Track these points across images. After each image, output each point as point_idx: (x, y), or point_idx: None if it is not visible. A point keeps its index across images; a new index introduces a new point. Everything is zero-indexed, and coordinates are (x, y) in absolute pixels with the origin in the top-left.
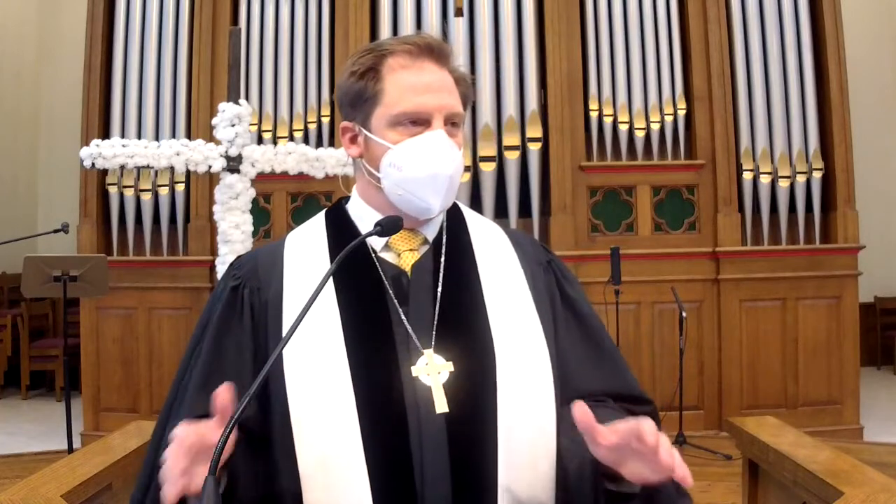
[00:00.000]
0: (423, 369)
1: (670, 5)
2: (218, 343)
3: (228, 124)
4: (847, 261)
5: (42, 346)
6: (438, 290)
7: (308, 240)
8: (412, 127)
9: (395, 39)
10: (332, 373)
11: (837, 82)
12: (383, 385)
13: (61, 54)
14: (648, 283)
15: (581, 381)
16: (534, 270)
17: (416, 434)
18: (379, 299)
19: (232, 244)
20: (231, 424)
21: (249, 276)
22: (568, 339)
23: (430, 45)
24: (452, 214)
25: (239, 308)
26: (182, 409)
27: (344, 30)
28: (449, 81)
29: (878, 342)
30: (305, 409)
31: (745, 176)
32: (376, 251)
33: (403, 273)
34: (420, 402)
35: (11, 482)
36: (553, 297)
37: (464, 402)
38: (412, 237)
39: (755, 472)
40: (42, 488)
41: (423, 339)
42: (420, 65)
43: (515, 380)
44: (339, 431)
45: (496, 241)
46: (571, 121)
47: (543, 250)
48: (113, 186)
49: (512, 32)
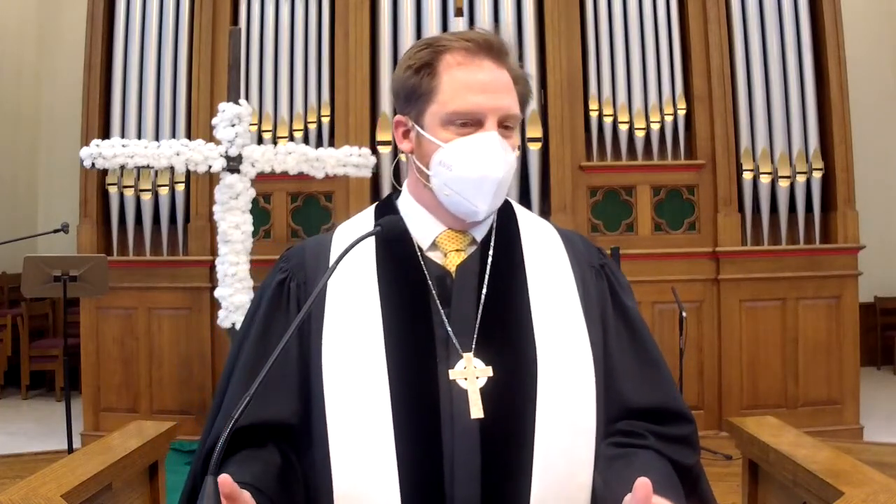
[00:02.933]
0: (461, 373)
1: (670, 5)
2: (264, 337)
3: (228, 124)
4: (847, 261)
5: (42, 346)
6: (483, 293)
7: (355, 233)
8: (464, 127)
9: (455, 35)
10: (370, 371)
11: (837, 82)
12: (419, 386)
13: (61, 54)
14: (648, 283)
15: (626, 392)
16: (585, 274)
17: (449, 437)
18: (422, 299)
19: (232, 244)
20: (231, 425)
21: (296, 270)
22: (617, 348)
23: (489, 42)
24: (504, 213)
25: (285, 302)
26: (227, 402)
27: (344, 30)
28: (506, 81)
29: (878, 342)
30: (341, 406)
31: (745, 176)
32: (423, 250)
33: (448, 274)
34: (455, 405)
35: (11, 482)
36: (604, 302)
37: (500, 409)
38: (460, 237)
39: (755, 472)
40: (42, 488)
41: (465, 341)
42: (478, 63)
43: (557, 390)
44: (373, 430)
45: (547, 243)
46: (571, 121)
47: (598, 253)
48: (113, 186)
49: (512, 32)
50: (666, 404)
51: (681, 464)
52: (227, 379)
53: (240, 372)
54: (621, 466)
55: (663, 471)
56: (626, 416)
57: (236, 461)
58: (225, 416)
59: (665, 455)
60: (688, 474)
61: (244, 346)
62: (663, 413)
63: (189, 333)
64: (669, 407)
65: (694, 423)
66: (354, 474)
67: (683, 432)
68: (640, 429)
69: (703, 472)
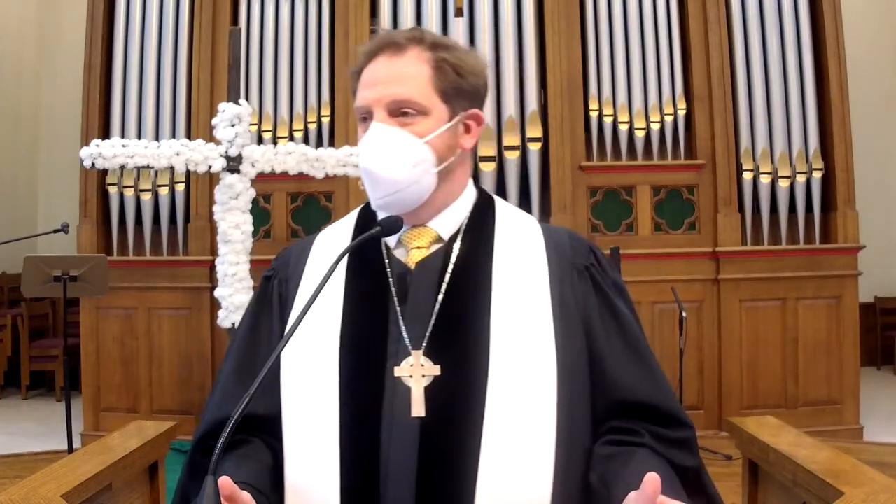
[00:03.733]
0: (407, 370)
1: (670, 5)
2: (252, 331)
3: (228, 124)
4: (847, 261)
5: (42, 346)
6: (442, 290)
7: (335, 235)
8: (364, 123)
9: (372, 38)
10: (322, 366)
11: (837, 82)
12: (365, 382)
13: (61, 54)
14: (648, 283)
15: (621, 387)
16: (565, 275)
17: (388, 435)
18: (380, 296)
19: (232, 244)
20: (231, 426)
21: (281, 268)
22: (609, 350)
23: (387, 38)
24: (479, 209)
25: (269, 298)
26: (216, 395)
27: (344, 30)
28: (401, 71)
29: (878, 342)
30: (294, 399)
31: (745, 176)
32: (390, 248)
33: (409, 271)
34: (398, 404)
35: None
36: (588, 304)
37: (443, 409)
38: (421, 233)
39: (755, 472)
40: (42, 488)
41: (417, 339)
42: (375, 62)
43: (510, 394)
44: (320, 424)
45: (525, 241)
46: (571, 121)
47: (587, 252)
48: (113, 186)
49: (512, 32)
50: (662, 403)
51: (679, 465)
52: (220, 372)
53: (229, 368)
54: (619, 465)
55: (661, 468)
56: (620, 412)
57: (233, 460)
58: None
59: (662, 455)
60: (686, 474)
61: (237, 339)
62: (659, 412)
63: (189, 333)
64: (666, 407)
65: (693, 429)
66: (301, 467)
67: (682, 436)
68: (637, 426)
69: (706, 471)
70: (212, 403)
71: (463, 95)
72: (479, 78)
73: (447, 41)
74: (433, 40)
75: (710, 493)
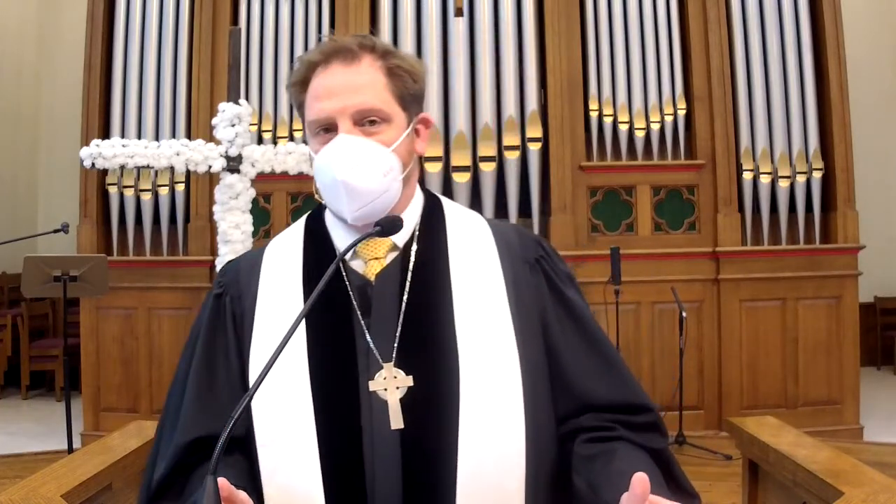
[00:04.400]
0: (381, 384)
1: (670, 5)
2: (208, 353)
3: (228, 124)
4: (847, 261)
5: (42, 346)
6: (404, 300)
7: (285, 247)
8: (324, 134)
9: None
10: (293, 386)
11: (837, 82)
12: (340, 399)
13: (61, 54)
14: (648, 283)
15: (584, 390)
16: (518, 271)
17: (370, 450)
18: (343, 311)
19: (232, 244)
20: (231, 425)
21: (230, 285)
22: (565, 344)
23: (339, 45)
24: (429, 214)
25: (223, 317)
26: (178, 422)
27: (344, 30)
28: (359, 79)
29: (878, 342)
30: (266, 421)
31: (745, 176)
32: (346, 260)
33: (368, 283)
34: (375, 417)
35: (11, 482)
36: (541, 299)
37: (421, 419)
38: (378, 244)
39: (755, 472)
40: (42, 488)
41: (385, 352)
42: (329, 70)
43: (480, 397)
44: (298, 445)
45: (477, 241)
46: (571, 121)
47: (535, 245)
48: (113, 186)
49: (512, 32)
50: (629, 400)
51: (654, 449)
52: (174, 394)
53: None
54: (602, 466)
55: (644, 463)
56: (586, 411)
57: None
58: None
59: (637, 444)
60: (659, 458)
61: (192, 361)
62: (623, 406)
63: (189, 333)
64: (628, 401)
65: (655, 411)
66: (282, 489)
67: (649, 419)
68: (607, 421)
69: (674, 457)
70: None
71: (416, 100)
72: (424, 82)
73: (391, 47)
74: (383, 47)
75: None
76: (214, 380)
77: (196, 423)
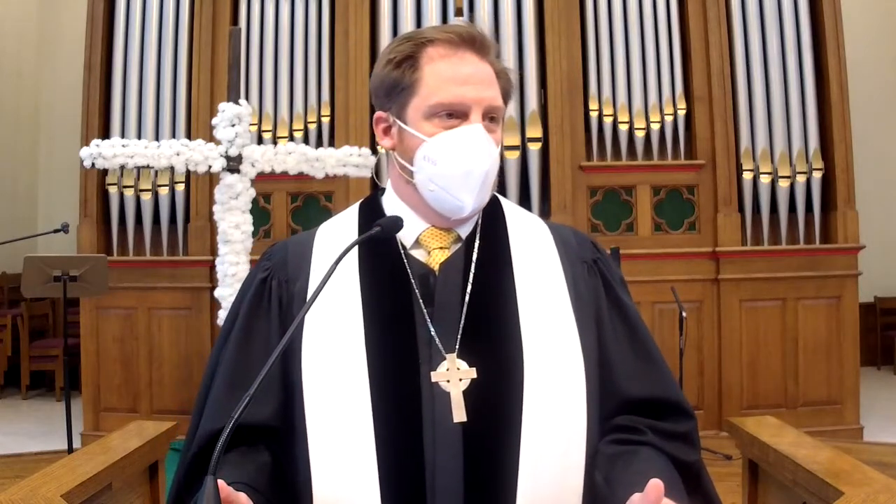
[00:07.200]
0: (444, 375)
1: (670, 5)
2: (246, 335)
3: (228, 124)
4: (847, 261)
5: (42, 346)
6: (468, 291)
7: (338, 232)
8: (448, 119)
9: (436, 28)
10: (351, 376)
11: (837, 82)
12: (400, 390)
13: (61, 54)
14: (648, 283)
15: (623, 385)
16: (576, 270)
17: (431, 442)
18: (404, 299)
19: (232, 244)
20: (232, 424)
21: (278, 268)
22: (613, 343)
23: (472, 35)
24: (490, 209)
25: (267, 300)
26: (209, 408)
27: (344, 30)
28: (489, 74)
29: (878, 342)
30: (321, 412)
31: (745, 176)
32: (406, 248)
33: (431, 272)
34: (437, 409)
35: (11, 482)
36: (598, 299)
37: (484, 412)
38: (444, 235)
39: (755, 472)
40: (42, 488)
41: (448, 342)
42: (461, 55)
43: (544, 391)
44: (354, 436)
45: (537, 238)
46: (571, 121)
47: (591, 247)
48: (113, 186)
49: (512, 32)
50: (665, 397)
51: (680, 460)
52: (210, 376)
53: (222, 375)
54: (622, 466)
55: (665, 469)
56: (624, 410)
57: (230, 463)
58: (209, 416)
59: (664, 451)
60: (688, 470)
61: (227, 345)
62: (662, 405)
63: (189, 333)
64: (669, 399)
65: (694, 420)
66: (335, 481)
67: (683, 429)
68: (640, 424)
69: (705, 469)
70: (205, 416)
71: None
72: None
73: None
74: (495, 48)
75: (707, 491)
76: (251, 370)
77: (227, 411)
